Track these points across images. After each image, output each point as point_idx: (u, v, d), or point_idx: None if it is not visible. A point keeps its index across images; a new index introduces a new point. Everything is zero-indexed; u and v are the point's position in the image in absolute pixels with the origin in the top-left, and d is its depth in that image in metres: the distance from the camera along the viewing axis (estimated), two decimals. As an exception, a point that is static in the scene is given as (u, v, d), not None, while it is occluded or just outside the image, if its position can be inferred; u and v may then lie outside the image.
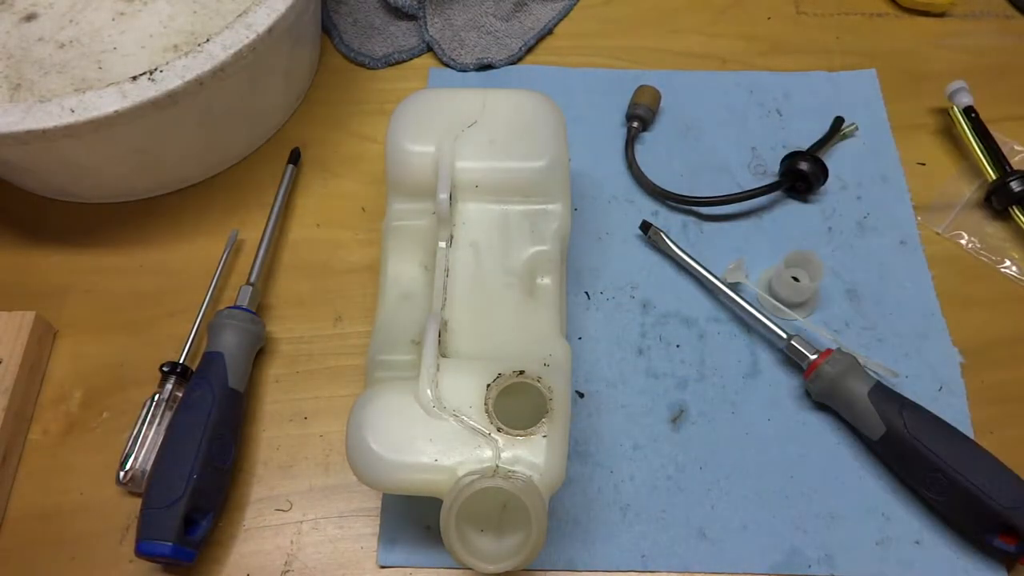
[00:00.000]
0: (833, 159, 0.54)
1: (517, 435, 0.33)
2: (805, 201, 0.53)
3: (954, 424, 0.41)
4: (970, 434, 0.44)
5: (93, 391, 0.46)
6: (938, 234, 0.52)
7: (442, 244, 0.40)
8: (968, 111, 0.54)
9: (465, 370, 0.35)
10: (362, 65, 0.59)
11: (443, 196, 0.39)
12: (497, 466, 0.33)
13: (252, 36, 0.44)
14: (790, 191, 0.53)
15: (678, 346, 0.47)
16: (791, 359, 0.45)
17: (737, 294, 0.47)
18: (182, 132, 0.49)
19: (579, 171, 0.54)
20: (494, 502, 0.34)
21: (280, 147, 0.54)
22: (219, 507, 0.41)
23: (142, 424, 0.42)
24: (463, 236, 0.40)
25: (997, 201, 0.52)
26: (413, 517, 0.41)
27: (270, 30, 0.45)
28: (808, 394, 0.45)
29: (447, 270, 0.39)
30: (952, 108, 0.55)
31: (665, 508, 0.42)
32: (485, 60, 0.58)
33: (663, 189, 0.52)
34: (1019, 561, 0.39)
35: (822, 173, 0.51)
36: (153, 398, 0.43)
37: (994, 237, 0.52)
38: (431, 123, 0.42)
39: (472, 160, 0.41)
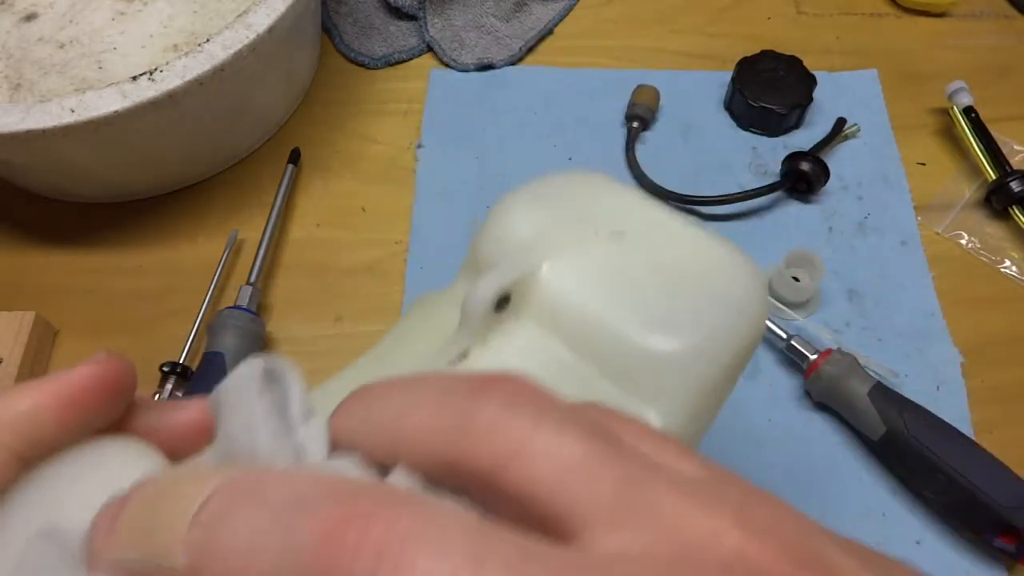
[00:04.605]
0: (834, 159, 0.54)
1: None
2: (806, 201, 0.53)
3: (954, 424, 0.41)
4: (970, 434, 0.44)
5: (93, 391, 0.46)
6: (938, 234, 0.52)
7: (451, 356, 0.24)
8: (968, 111, 0.54)
9: None
10: (362, 65, 0.59)
11: (486, 291, 0.23)
12: None
13: (252, 36, 0.44)
14: (791, 191, 0.53)
15: (678, 346, 0.47)
16: (791, 359, 0.45)
17: (737, 294, 0.47)
18: (182, 132, 0.49)
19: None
20: None
21: (280, 147, 0.54)
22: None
23: (142, 424, 0.42)
24: (476, 366, 0.24)
25: (997, 201, 0.52)
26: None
27: (270, 30, 0.45)
28: (808, 394, 0.45)
29: None
30: (952, 108, 0.55)
31: (665, 508, 0.42)
32: (485, 60, 0.58)
33: (664, 189, 0.52)
34: (1019, 561, 0.39)
35: (823, 173, 0.51)
36: (153, 398, 0.43)
37: (994, 237, 0.52)
38: (568, 209, 0.28)
39: (573, 276, 0.25)
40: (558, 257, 0.25)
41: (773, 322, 0.46)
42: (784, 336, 0.45)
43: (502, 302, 0.24)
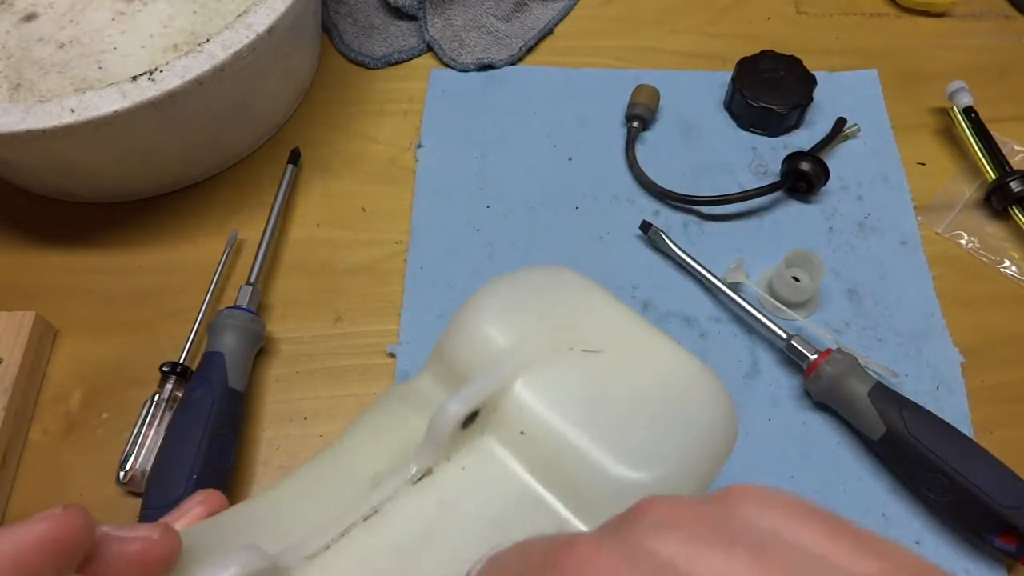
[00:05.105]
0: (834, 159, 0.54)
1: None
2: (806, 201, 0.53)
3: (954, 424, 0.41)
4: (970, 434, 0.44)
5: (93, 391, 0.46)
6: (938, 234, 0.52)
7: (412, 472, 0.24)
8: (968, 111, 0.54)
9: None
10: (362, 65, 0.59)
11: (456, 410, 0.23)
12: None
13: (252, 36, 0.44)
14: (791, 191, 0.53)
15: (678, 346, 0.47)
16: (791, 359, 0.45)
17: (737, 294, 0.47)
18: (182, 132, 0.49)
19: (580, 171, 0.54)
20: None
21: (280, 147, 0.54)
22: (219, 507, 0.41)
23: (142, 424, 0.42)
24: (441, 486, 0.24)
25: (997, 201, 0.52)
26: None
27: (270, 30, 0.45)
28: (808, 394, 0.45)
29: (374, 510, 0.23)
30: (952, 108, 0.55)
31: (665, 508, 0.42)
32: (486, 60, 0.58)
33: (664, 189, 0.52)
34: (1019, 561, 0.39)
35: (823, 173, 0.51)
36: (153, 398, 0.43)
37: (994, 237, 0.52)
38: (539, 315, 0.27)
39: (544, 397, 0.24)
40: (531, 374, 0.24)
41: (773, 322, 0.46)
42: (784, 336, 0.45)
43: (470, 417, 0.24)
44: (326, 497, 0.24)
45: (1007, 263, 0.51)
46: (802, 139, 0.55)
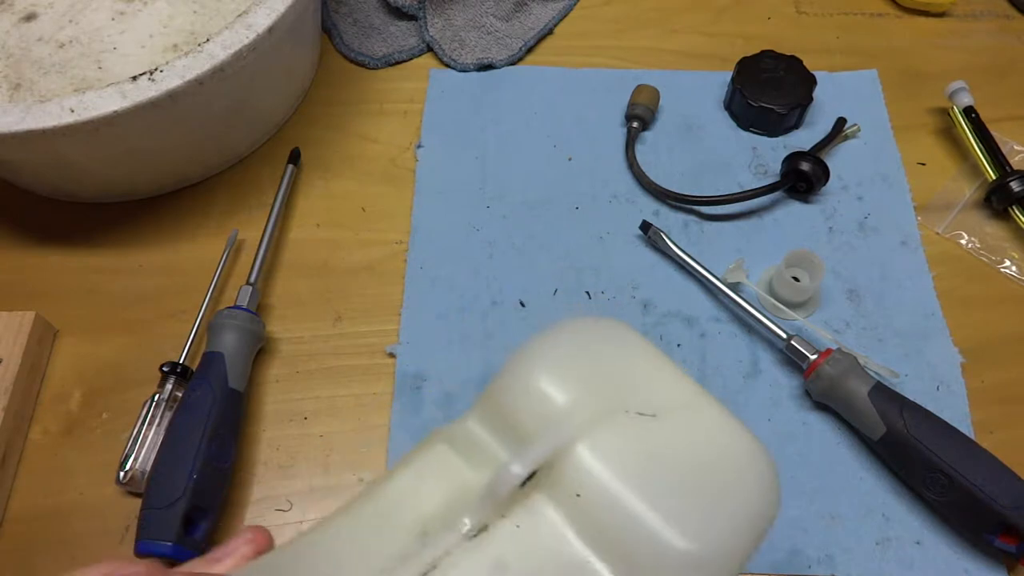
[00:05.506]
0: (834, 159, 0.54)
1: None
2: (806, 201, 0.53)
3: (954, 424, 0.41)
4: (970, 434, 0.44)
5: (93, 391, 0.46)
6: (938, 234, 0.52)
7: (466, 526, 0.24)
8: (968, 111, 0.54)
9: None
10: (362, 65, 0.59)
11: (519, 470, 0.24)
12: None
13: (252, 36, 0.44)
14: (791, 191, 0.53)
15: (679, 346, 0.47)
16: (791, 359, 0.45)
17: (737, 294, 0.47)
18: (182, 132, 0.49)
19: (580, 171, 0.54)
20: None
21: (280, 147, 0.54)
22: (219, 507, 0.41)
23: (142, 424, 0.42)
24: (497, 545, 0.24)
25: (997, 201, 0.52)
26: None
27: (270, 30, 0.45)
28: (808, 394, 0.45)
29: (432, 567, 0.23)
30: (952, 108, 0.55)
31: (665, 508, 0.42)
32: (486, 60, 0.58)
33: (664, 188, 0.52)
34: (1019, 561, 0.39)
35: (823, 173, 0.51)
36: (153, 398, 0.43)
37: (994, 237, 0.52)
38: (594, 372, 0.27)
39: (604, 461, 0.24)
40: (591, 437, 0.25)
41: (773, 322, 0.46)
42: (784, 336, 0.45)
43: (529, 477, 0.24)
44: (374, 543, 0.24)
45: (1007, 263, 0.51)
46: (802, 139, 0.55)
